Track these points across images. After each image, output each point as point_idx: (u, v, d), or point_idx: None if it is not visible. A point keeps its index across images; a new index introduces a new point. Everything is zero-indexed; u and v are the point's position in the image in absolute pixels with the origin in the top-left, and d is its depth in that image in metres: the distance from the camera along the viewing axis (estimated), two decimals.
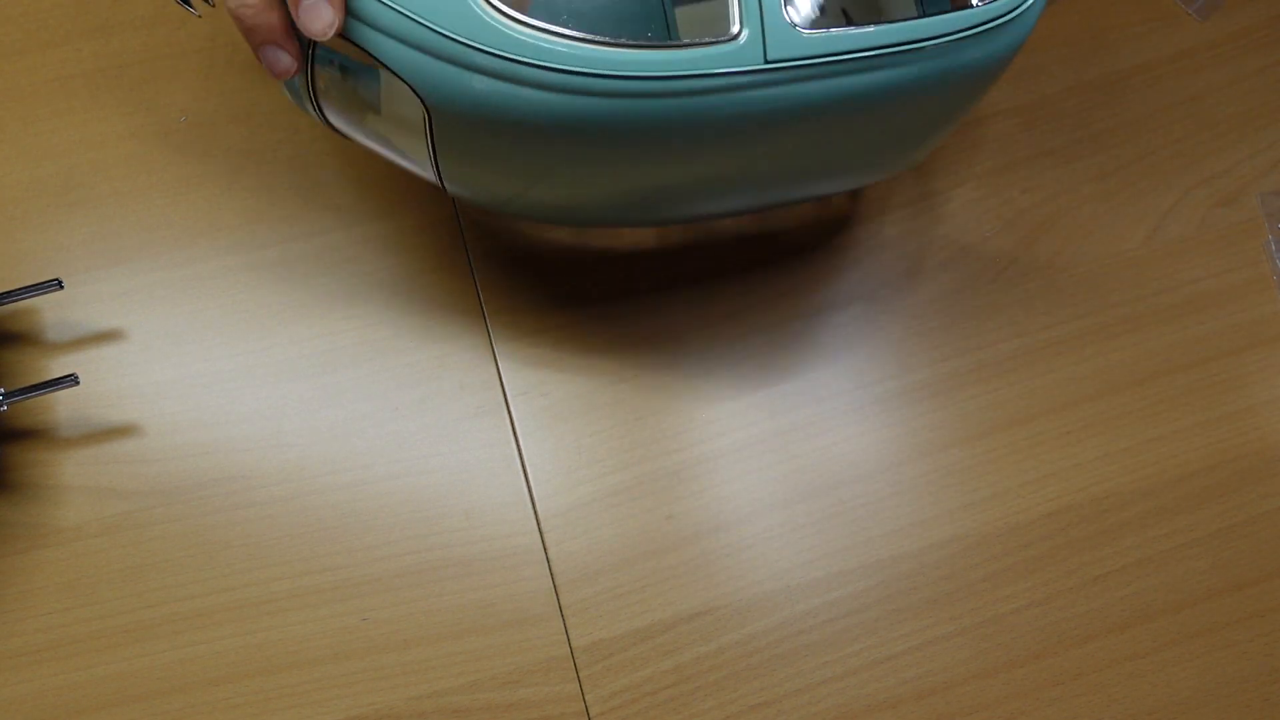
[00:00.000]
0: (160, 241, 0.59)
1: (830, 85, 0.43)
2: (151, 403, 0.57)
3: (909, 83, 0.44)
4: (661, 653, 0.56)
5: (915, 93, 0.44)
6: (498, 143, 0.44)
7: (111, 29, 0.61)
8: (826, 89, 0.43)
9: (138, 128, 0.60)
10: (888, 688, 0.57)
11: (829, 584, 0.58)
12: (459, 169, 0.47)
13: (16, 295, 0.53)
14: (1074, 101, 0.64)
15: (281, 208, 0.60)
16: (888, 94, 0.44)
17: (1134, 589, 0.59)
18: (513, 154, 0.45)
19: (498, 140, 0.44)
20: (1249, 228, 0.64)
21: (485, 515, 0.57)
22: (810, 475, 0.59)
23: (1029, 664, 0.58)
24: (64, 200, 0.59)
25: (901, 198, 0.62)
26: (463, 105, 0.42)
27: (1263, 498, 0.60)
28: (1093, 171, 0.64)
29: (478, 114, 0.42)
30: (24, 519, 0.56)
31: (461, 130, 0.44)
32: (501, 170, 0.47)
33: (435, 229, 0.60)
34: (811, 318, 0.61)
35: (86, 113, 0.60)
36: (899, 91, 0.44)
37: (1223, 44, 0.66)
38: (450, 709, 0.55)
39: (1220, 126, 0.65)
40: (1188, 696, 0.58)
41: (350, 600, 0.56)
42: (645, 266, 0.60)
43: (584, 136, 0.43)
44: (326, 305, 0.59)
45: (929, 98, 0.45)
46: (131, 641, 0.55)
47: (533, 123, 0.42)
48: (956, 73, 0.44)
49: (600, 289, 0.60)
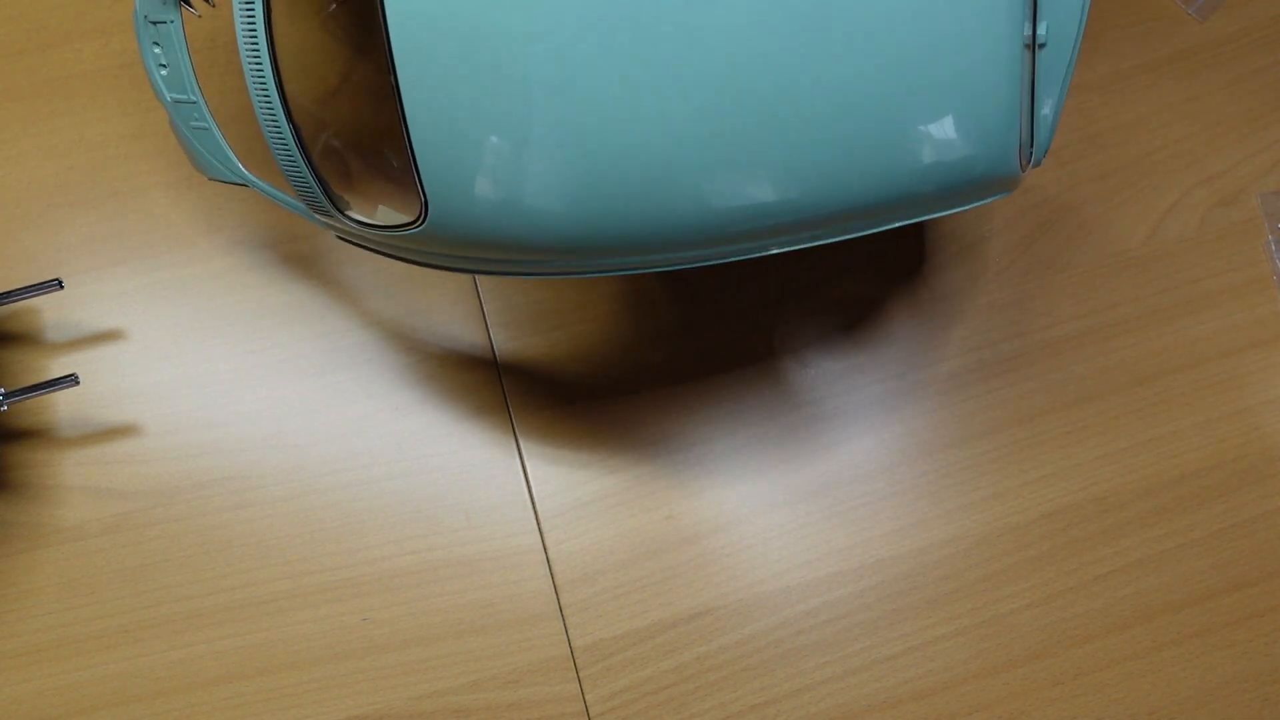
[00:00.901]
0: (160, 241, 0.59)
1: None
2: (151, 403, 0.57)
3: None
4: (661, 653, 0.56)
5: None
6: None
7: (111, 29, 0.61)
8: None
9: (138, 128, 0.60)
10: (888, 688, 0.57)
11: (829, 584, 0.58)
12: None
13: (16, 295, 0.53)
14: (1074, 101, 0.64)
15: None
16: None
17: (1134, 589, 0.59)
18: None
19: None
20: (1249, 228, 0.64)
21: (485, 515, 0.57)
22: (810, 475, 0.59)
23: (1029, 664, 0.58)
24: (64, 200, 0.59)
25: None
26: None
27: (1263, 498, 0.60)
28: (1093, 171, 0.64)
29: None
30: (24, 519, 0.56)
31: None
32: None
33: None
34: (811, 318, 0.61)
35: (86, 113, 0.60)
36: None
37: (1223, 44, 0.66)
38: (450, 709, 0.55)
39: (1220, 126, 0.65)
40: (1188, 696, 0.58)
41: (350, 600, 0.56)
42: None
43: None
44: (326, 305, 0.59)
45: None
46: (131, 641, 0.55)
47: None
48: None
49: (602, 288, 0.60)
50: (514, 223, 0.41)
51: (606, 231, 0.41)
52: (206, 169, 0.50)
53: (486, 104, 0.38)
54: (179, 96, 0.47)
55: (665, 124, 0.39)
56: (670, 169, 0.39)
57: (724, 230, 0.42)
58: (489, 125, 0.39)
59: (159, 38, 0.46)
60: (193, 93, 0.47)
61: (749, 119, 0.39)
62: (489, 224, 0.41)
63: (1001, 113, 0.41)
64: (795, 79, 0.39)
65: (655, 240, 0.42)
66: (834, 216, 0.42)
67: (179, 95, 0.47)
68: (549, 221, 0.41)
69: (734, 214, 0.42)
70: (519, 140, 0.39)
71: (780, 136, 0.39)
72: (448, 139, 0.39)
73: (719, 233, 0.42)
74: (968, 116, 0.40)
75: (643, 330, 0.60)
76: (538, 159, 0.39)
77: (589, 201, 0.40)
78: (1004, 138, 0.41)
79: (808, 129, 0.39)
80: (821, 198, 0.41)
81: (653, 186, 0.40)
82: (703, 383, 0.60)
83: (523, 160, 0.39)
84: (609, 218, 0.41)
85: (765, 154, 0.40)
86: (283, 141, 0.43)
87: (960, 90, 0.40)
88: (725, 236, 0.43)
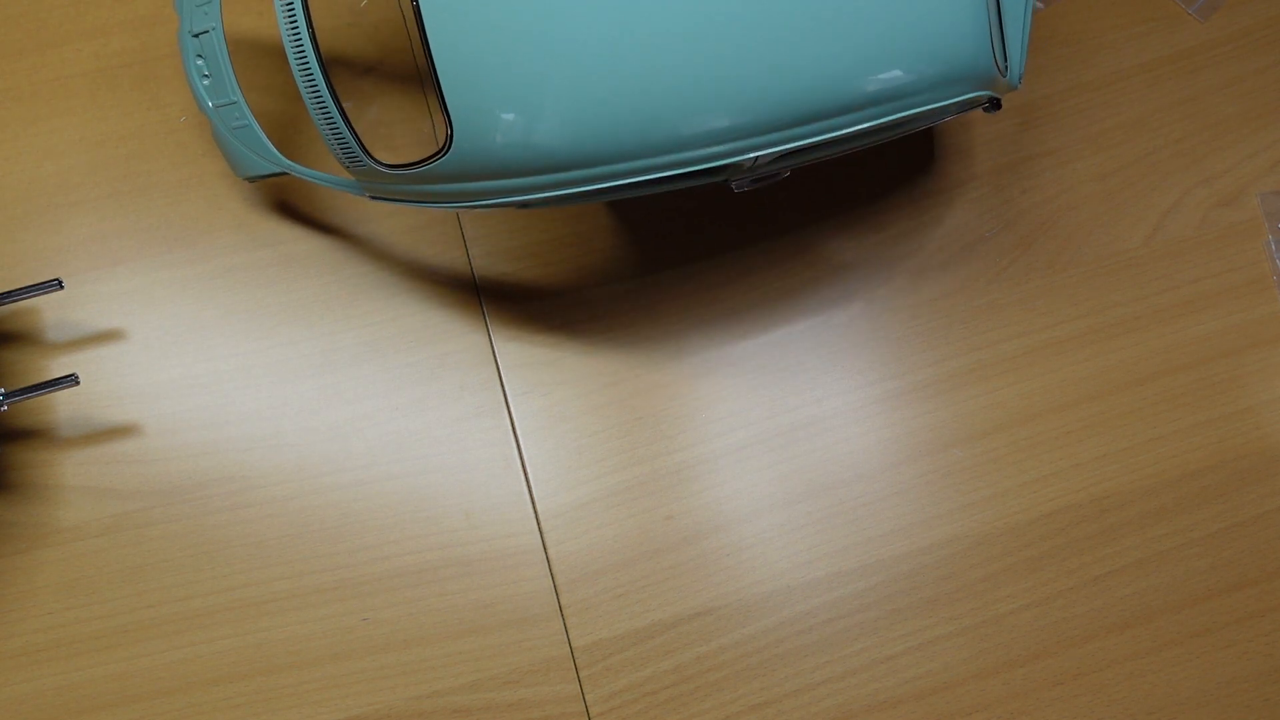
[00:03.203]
0: (160, 241, 0.59)
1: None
2: (151, 403, 0.57)
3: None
4: (661, 653, 0.56)
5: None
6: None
7: (111, 29, 0.61)
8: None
9: (138, 128, 0.60)
10: (888, 688, 0.57)
11: (829, 584, 0.58)
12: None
13: (16, 295, 0.53)
14: (1074, 101, 0.64)
15: (282, 207, 0.60)
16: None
17: (1134, 589, 0.59)
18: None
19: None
20: (1249, 228, 0.64)
21: (485, 515, 0.57)
22: (810, 475, 0.59)
23: (1029, 664, 0.58)
24: (64, 200, 0.59)
25: (901, 198, 0.62)
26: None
27: (1263, 498, 0.60)
28: (1093, 171, 0.64)
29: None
30: (24, 519, 0.56)
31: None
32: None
33: (436, 228, 0.60)
34: (811, 318, 0.61)
35: (86, 113, 0.60)
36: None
37: (1223, 44, 0.66)
38: (450, 709, 0.55)
39: (1220, 126, 0.65)
40: (1188, 696, 0.58)
41: (350, 600, 0.56)
42: (646, 268, 0.60)
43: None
44: (326, 305, 0.59)
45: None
46: (131, 641, 0.55)
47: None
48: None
49: (601, 289, 0.60)
50: (529, 133, 0.45)
51: (609, 132, 0.45)
52: (247, 168, 0.54)
53: (501, 38, 0.44)
54: (221, 101, 0.52)
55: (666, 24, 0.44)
56: (672, 56, 0.44)
57: (723, 123, 0.46)
58: (504, 56, 0.44)
59: (202, 49, 0.51)
60: (234, 93, 0.51)
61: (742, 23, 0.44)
62: (505, 145, 0.46)
63: (970, 16, 0.46)
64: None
65: (658, 141, 0.46)
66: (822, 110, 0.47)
67: (221, 100, 0.52)
68: (558, 130, 0.45)
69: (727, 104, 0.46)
70: (528, 63, 0.44)
71: (769, 38, 0.45)
72: (469, 71, 0.44)
73: (720, 124, 0.46)
74: (940, 20, 0.46)
75: (643, 333, 0.60)
76: (546, 76, 0.44)
77: (591, 109, 0.45)
78: (976, 37, 0.47)
79: (796, 37, 0.45)
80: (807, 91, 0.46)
81: (648, 85, 0.45)
82: (703, 383, 0.60)
83: (533, 77, 0.44)
84: (611, 119, 0.45)
85: (753, 52, 0.45)
86: (319, 97, 0.47)
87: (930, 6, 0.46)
88: (726, 131, 0.46)
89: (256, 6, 0.61)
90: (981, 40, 0.47)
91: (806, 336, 0.60)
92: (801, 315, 0.61)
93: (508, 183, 0.47)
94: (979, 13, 0.46)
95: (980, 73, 0.48)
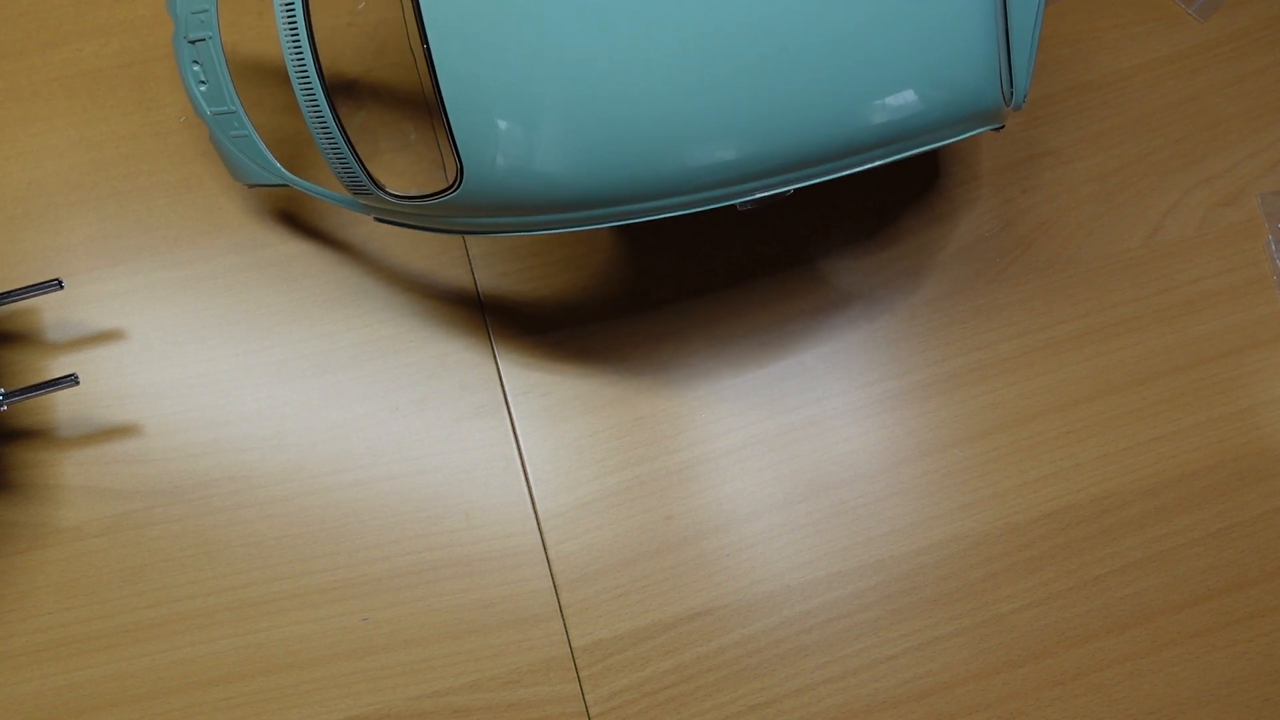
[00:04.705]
0: (160, 241, 0.59)
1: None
2: (151, 403, 0.57)
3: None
4: (661, 653, 0.56)
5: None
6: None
7: (111, 29, 0.61)
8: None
9: (138, 128, 0.60)
10: (888, 688, 0.57)
11: (829, 584, 0.58)
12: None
13: (16, 295, 0.53)
14: (1074, 101, 0.64)
15: (281, 208, 0.60)
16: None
17: (1134, 589, 0.59)
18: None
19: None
20: (1249, 228, 0.64)
21: (485, 515, 0.57)
22: (810, 475, 0.59)
23: (1029, 664, 0.58)
24: (64, 200, 0.59)
25: (901, 198, 0.63)
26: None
27: (1263, 498, 0.60)
28: (1093, 171, 0.64)
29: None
30: (24, 519, 0.56)
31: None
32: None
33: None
34: (811, 318, 0.61)
35: (86, 113, 0.60)
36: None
37: (1223, 44, 0.66)
38: (450, 709, 0.55)
39: (1220, 126, 0.65)
40: (1188, 696, 0.58)
41: (350, 600, 0.56)
42: (646, 267, 0.61)
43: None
44: (326, 305, 0.59)
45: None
46: (131, 641, 0.55)
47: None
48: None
49: (601, 289, 0.60)
50: (539, 177, 0.45)
51: (617, 176, 0.46)
52: (247, 175, 0.53)
53: (510, 78, 0.43)
54: (219, 109, 0.51)
55: (672, 68, 0.44)
56: (680, 98, 0.44)
57: (730, 165, 0.46)
58: (513, 97, 0.44)
59: (198, 55, 0.50)
60: (232, 103, 0.50)
61: (745, 62, 0.44)
62: (515, 181, 0.45)
63: (980, 51, 0.46)
64: (786, 29, 0.44)
65: (664, 183, 0.46)
66: (828, 152, 0.47)
67: (219, 108, 0.51)
68: (566, 173, 0.45)
69: (735, 149, 0.46)
70: (539, 107, 0.44)
71: (770, 80, 0.44)
72: (479, 113, 0.44)
73: (730, 164, 0.46)
74: (949, 58, 0.46)
75: (643, 334, 0.60)
76: (556, 121, 0.44)
77: (600, 153, 0.45)
78: (984, 74, 0.46)
79: (800, 72, 0.44)
80: (811, 136, 0.46)
81: (660, 131, 0.45)
82: (703, 383, 0.60)
83: (544, 121, 0.44)
84: (620, 163, 0.45)
85: (757, 96, 0.45)
86: (325, 128, 0.46)
87: (940, 35, 0.45)
88: (731, 175, 0.47)
89: (257, 7, 0.61)
90: (990, 80, 0.46)
91: (806, 337, 0.60)
92: (801, 315, 0.61)
93: (516, 219, 0.47)
94: (989, 53, 0.46)
95: (987, 108, 0.48)
